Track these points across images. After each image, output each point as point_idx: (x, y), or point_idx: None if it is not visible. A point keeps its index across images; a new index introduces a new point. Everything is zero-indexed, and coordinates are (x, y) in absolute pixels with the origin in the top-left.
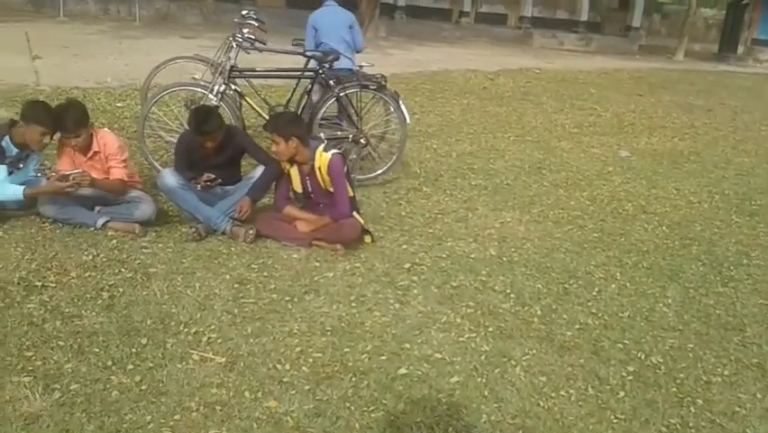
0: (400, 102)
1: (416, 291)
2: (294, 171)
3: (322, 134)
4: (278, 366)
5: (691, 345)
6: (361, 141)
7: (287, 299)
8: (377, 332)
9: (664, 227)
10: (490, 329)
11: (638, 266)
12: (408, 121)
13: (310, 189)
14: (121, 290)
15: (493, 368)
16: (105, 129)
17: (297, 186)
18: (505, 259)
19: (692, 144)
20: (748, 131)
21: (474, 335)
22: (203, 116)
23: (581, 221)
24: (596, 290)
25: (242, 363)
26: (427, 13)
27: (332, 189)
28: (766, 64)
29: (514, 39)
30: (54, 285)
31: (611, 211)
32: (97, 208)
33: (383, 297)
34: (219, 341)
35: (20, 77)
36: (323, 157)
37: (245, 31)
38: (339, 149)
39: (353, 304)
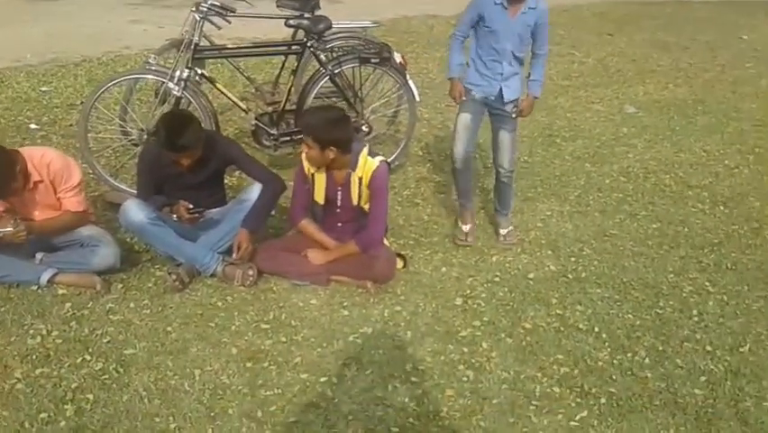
0: (407, 76)
1: (485, 345)
2: (320, 177)
3: None
4: None
5: None
6: (363, 128)
7: (322, 380)
8: (461, 427)
9: (721, 206)
10: (603, 401)
11: (722, 268)
12: (418, 99)
13: (339, 203)
14: (90, 396)
15: None
16: (42, 148)
17: (320, 196)
18: (570, 276)
19: (690, 91)
20: (735, 69)
21: (586, 413)
22: (177, 127)
23: (629, 207)
24: (694, 312)
25: None
26: None
27: (365, 206)
28: None
29: None
30: None
31: (653, 189)
32: (39, 255)
33: (447, 360)
34: None
35: None
36: (368, 164)
37: None
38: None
39: (413, 378)
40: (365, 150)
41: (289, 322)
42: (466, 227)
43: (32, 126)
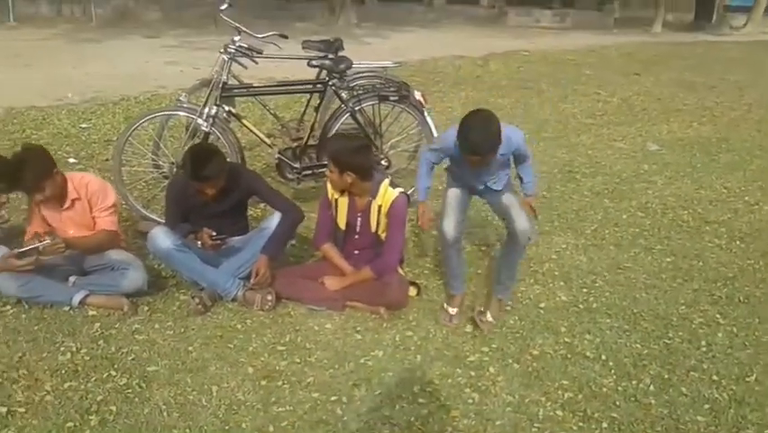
0: (425, 114)
1: (492, 370)
2: (343, 202)
3: None
4: None
5: None
6: (382, 162)
7: (333, 399)
8: None
9: (737, 241)
10: (604, 425)
11: (734, 301)
12: (436, 135)
13: (358, 229)
14: (113, 408)
15: None
16: (82, 172)
17: (342, 221)
18: (581, 306)
19: (715, 129)
20: (762, 108)
21: None
22: (202, 159)
23: (644, 241)
24: (702, 343)
25: None
26: None
27: (382, 234)
28: (743, 31)
29: (488, 18)
30: (24, 409)
31: (670, 224)
32: (72, 279)
33: (454, 384)
34: None
35: None
36: (388, 194)
37: (236, 39)
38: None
39: (420, 400)
40: (387, 180)
41: (304, 345)
42: (453, 310)
43: (71, 160)
